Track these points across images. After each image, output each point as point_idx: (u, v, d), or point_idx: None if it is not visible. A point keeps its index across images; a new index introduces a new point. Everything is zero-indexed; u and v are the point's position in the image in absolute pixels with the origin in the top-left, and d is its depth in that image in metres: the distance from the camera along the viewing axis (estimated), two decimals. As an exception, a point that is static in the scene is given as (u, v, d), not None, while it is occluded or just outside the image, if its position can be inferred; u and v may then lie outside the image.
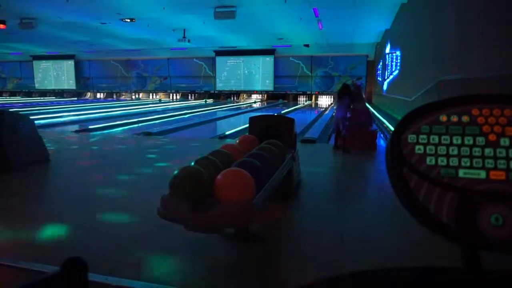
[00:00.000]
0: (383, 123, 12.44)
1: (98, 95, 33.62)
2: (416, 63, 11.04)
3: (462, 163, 0.63)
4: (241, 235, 2.74)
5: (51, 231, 2.98)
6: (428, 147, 0.66)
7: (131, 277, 2.26)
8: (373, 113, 11.47)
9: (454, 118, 0.66)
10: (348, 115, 6.89)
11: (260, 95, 30.77)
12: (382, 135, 9.30)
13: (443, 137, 0.65)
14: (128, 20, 16.39)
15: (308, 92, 29.88)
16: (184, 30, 19.29)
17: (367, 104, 7.58)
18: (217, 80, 31.21)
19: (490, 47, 5.10)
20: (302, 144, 7.14)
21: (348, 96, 6.99)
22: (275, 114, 10.35)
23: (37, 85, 34.89)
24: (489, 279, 0.61)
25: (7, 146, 5.01)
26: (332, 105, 23.40)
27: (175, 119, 14.20)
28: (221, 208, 2.20)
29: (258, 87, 30.66)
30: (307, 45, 24.37)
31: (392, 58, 16.33)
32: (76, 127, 10.76)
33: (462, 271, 0.61)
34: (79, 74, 33.70)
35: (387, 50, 18.09)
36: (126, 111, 17.08)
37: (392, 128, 6.40)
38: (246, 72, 30.59)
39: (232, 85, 31.16)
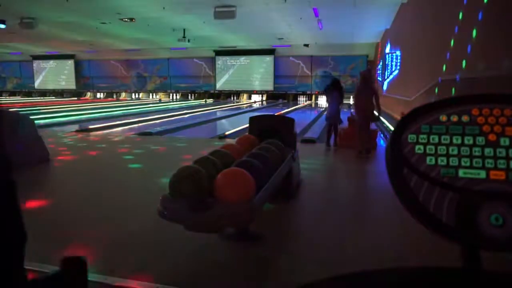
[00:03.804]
0: (383, 123, 12.44)
1: (98, 95, 33.61)
2: (416, 63, 11.04)
3: (462, 163, 0.63)
4: (241, 235, 2.74)
5: (51, 231, 2.98)
6: (428, 147, 0.66)
7: (131, 277, 2.26)
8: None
9: (454, 118, 0.66)
10: (350, 110, 6.88)
11: (260, 95, 30.78)
12: (382, 135, 9.30)
13: (443, 137, 0.65)
14: (128, 20, 16.38)
15: (308, 92, 29.88)
16: (184, 30, 19.29)
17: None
18: (217, 80, 31.22)
19: (490, 46, 5.10)
20: (302, 144, 7.14)
21: (337, 90, 6.99)
22: (275, 114, 10.35)
23: (37, 85, 34.90)
24: (489, 279, 0.61)
25: (7, 146, 5.00)
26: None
27: (175, 119, 14.20)
28: (221, 208, 2.19)
29: (258, 87, 30.67)
30: (307, 45, 24.38)
31: (392, 58, 16.34)
32: (76, 127, 10.76)
33: (462, 271, 0.61)
34: (79, 74, 33.71)
35: (387, 50, 18.10)
36: (126, 111, 17.09)
37: (392, 128, 6.35)
38: (246, 72, 30.59)
39: (232, 85, 31.16)
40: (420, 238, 2.59)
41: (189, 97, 32.19)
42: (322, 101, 28.67)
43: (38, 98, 32.05)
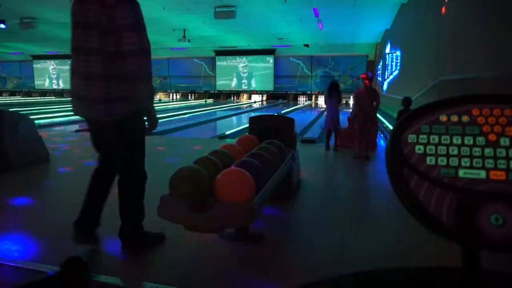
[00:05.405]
0: (383, 123, 12.44)
1: (98, 95, 33.53)
2: (416, 63, 11.04)
3: (462, 163, 0.63)
4: (241, 235, 2.74)
5: (52, 231, 2.98)
6: (428, 147, 0.66)
7: (131, 277, 2.26)
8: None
9: (454, 118, 0.66)
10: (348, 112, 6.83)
11: (260, 95, 30.77)
12: (382, 135, 9.30)
13: (443, 137, 0.65)
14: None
15: (308, 92, 29.88)
16: (184, 30, 19.29)
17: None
18: (217, 80, 31.21)
19: (490, 46, 5.10)
20: (302, 144, 7.14)
21: (336, 93, 6.95)
22: (275, 114, 10.36)
23: (37, 85, 34.90)
24: (489, 279, 0.61)
25: (7, 146, 5.01)
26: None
27: (175, 119, 14.20)
28: (221, 208, 2.19)
29: (258, 87, 30.66)
30: (307, 45, 24.39)
31: (392, 58, 16.34)
32: (76, 127, 10.76)
33: (462, 271, 0.61)
34: (79, 74, 33.63)
35: (387, 50, 18.10)
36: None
37: (392, 128, 6.34)
38: (246, 72, 30.59)
39: (232, 85, 31.16)
40: (420, 238, 2.59)
41: (189, 97, 32.18)
42: (322, 101, 28.68)
43: (38, 98, 32.04)
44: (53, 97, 32.47)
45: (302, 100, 29.58)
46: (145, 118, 2.49)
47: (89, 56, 2.24)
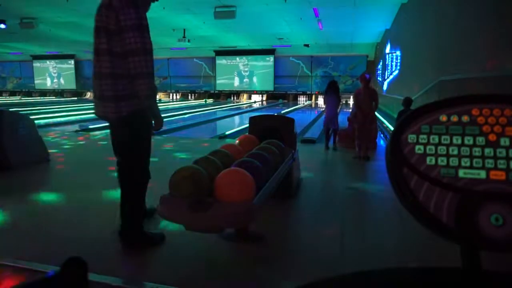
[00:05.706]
0: (383, 123, 12.43)
1: (98, 95, 33.50)
2: (416, 63, 11.04)
3: (462, 163, 0.63)
4: (241, 235, 2.74)
5: (52, 231, 2.98)
6: (428, 147, 0.66)
7: (132, 277, 2.26)
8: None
9: (454, 118, 0.66)
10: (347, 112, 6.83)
11: (260, 95, 30.76)
12: (382, 135, 9.29)
13: (443, 137, 0.65)
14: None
15: (308, 92, 29.87)
16: (184, 30, 19.29)
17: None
18: (217, 80, 31.20)
19: (489, 46, 5.10)
20: (302, 144, 7.14)
21: (334, 93, 6.94)
22: (275, 114, 10.36)
23: (37, 85, 34.89)
24: (489, 279, 0.61)
25: (7, 146, 5.01)
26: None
27: (175, 119, 14.20)
28: (221, 208, 2.19)
29: (258, 87, 30.65)
30: (307, 45, 24.38)
31: (392, 58, 16.33)
32: (76, 127, 10.76)
33: (462, 271, 0.61)
34: (79, 74, 33.69)
35: (387, 50, 18.09)
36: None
37: (392, 128, 6.34)
38: (246, 72, 30.58)
39: (232, 85, 31.15)
40: (420, 238, 2.59)
41: (189, 97, 32.18)
42: (322, 101, 28.61)
43: (38, 98, 32.03)
44: (53, 97, 32.46)
45: (302, 100, 29.57)
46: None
47: (100, 57, 2.43)
